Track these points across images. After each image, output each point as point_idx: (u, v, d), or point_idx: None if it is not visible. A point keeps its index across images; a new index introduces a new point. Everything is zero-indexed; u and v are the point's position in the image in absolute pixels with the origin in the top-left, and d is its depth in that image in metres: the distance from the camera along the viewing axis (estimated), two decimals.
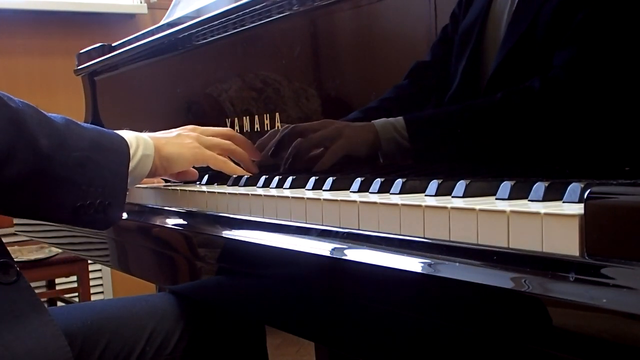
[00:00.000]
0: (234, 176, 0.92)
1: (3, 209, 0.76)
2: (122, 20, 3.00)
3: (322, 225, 0.64)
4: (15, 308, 0.71)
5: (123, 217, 1.02)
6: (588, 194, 0.41)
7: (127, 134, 0.83)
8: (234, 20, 0.99)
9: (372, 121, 0.77)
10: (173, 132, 0.92)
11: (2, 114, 0.69)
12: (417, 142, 0.74)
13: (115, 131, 0.84)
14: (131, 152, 0.82)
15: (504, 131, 0.64)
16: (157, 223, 0.93)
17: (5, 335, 0.68)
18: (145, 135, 0.86)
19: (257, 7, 0.94)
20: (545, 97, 0.60)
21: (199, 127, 0.95)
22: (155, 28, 1.30)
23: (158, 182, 1.05)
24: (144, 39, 1.27)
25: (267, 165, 0.96)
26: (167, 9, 1.56)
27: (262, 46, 0.98)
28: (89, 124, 0.81)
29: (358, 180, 0.69)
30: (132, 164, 0.82)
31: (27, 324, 0.70)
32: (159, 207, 0.97)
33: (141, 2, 3.04)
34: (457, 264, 0.48)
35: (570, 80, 0.58)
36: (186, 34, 1.11)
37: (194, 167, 1.00)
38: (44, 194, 0.74)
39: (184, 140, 0.90)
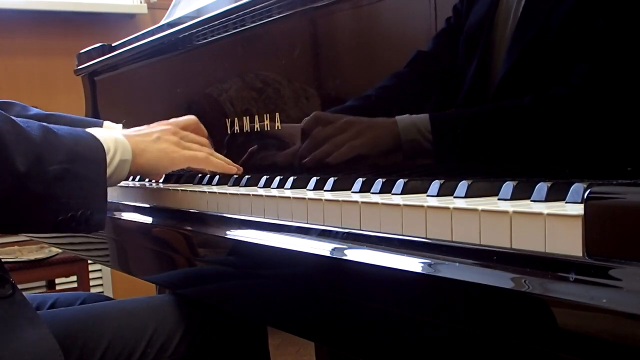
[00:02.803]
0: (235, 176, 0.92)
1: None
2: (122, 20, 3.00)
3: (324, 225, 0.64)
4: (11, 322, 0.70)
5: (123, 218, 1.02)
6: (588, 194, 0.41)
7: (105, 137, 0.82)
8: (234, 20, 0.99)
9: (396, 119, 0.76)
10: (153, 135, 0.90)
11: None
12: (439, 141, 0.73)
13: (93, 130, 0.82)
14: (108, 158, 0.80)
15: (507, 132, 0.64)
16: (157, 223, 0.93)
17: (1, 350, 0.67)
18: (123, 138, 0.85)
19: (257, 7, 0.94)
20: (549, 98, 0.60)
21: (173, 122, 0.94)
22: (155, 28, 1.30)
23: None
24: (144, 39, 1.27)
25: (267, 165, 0.96)
26: (167, 9, 1.56)
27: (262, 46, 0.98)
28: (64, 127, 0.80)
29: (359, 181, 0.69)
30: (109, 170, 0.81)
31: (24, 338, 0.69)
32: (159, 207, 0.97)
33: (141, 2, 3.04)
34: (458, 264, 0.48)
35: (573, 81, 0.58)
36: (186, 34, 1.11)
37: None
38: (23, 212, 0.73)
39: (163, 146, 0.89)
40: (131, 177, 1.21)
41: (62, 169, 0.74)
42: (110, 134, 0.83)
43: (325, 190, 0.72)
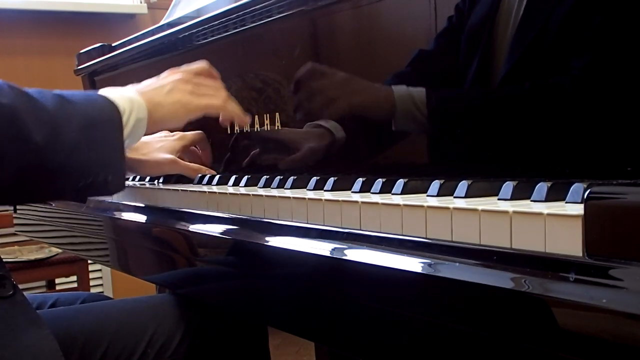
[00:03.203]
0: (234, 177, 0.92)
1: (5, 201, 0.75)
2: (122, 20, 3.00)
3: (324, 225, 0.64)
4: (11, 322, 0.69)
5: (123, 218, 1.02)
6: (588, 194, 0.41)
7: (119, 97, 0.80)
8: (234, 20, 0.99)
9: (392, 88, 0.75)
10: (166, 87, 0.87)
11: None
12: (435, 118, 0.73)
13: (105, 92, 0.81)
14: (124, 119, 0.79)
15: (507, 131, 0.64)
16: (157, 223, 0.93)
17: (1, 351, 0.67)
18: (137, 95, 0.83)
19: (257, 7, 0.94)
20: (549, 98, 0.60)
21: (186, 70, 0.91)
22: (155, 28, 1.30)
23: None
24: (144, 39, 1.27)
25: (267, 165, 0.96)
26: (167, 9, 1.56)
27: (262, 46, 0.98)
28: (77, 93, 0.78)
29: (359, 181, 0.69)
30: (126, 131, 0.79)
31: (24, 339, 0.69)
32: (160, 206, 0.97)
33: (141, 2, 3.04)
34: (458, 264, 0.48)
35: (574, 81, 0.58)
36: (186, 34, 1.11)
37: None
38: (43, 183, 0.73)
39: (178, 96, 0.86)
40: (132, 177, 1.21)
41: (79, 136, 0.74)
42: (123, 94, 0.82)
43: (325, 190, 0.72)
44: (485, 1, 0.66)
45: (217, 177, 0.97)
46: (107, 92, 0.81)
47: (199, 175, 1.02)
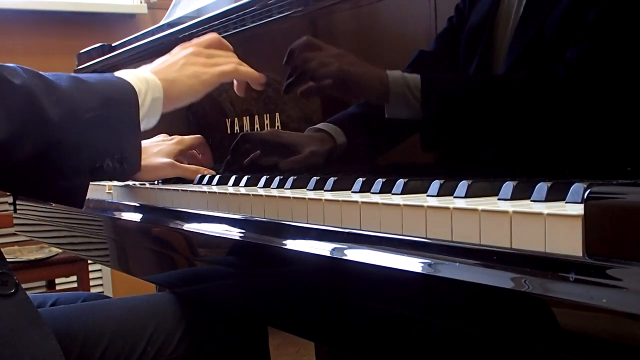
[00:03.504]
0: (234, 177, 0.92)
1: (18, 185, 0.75)
2: (122, 20, 3.00)
3: (324, 225, 0.64)
4: (13, 321, 0.69)
5: (123, 218, 1.02)
6: (588, 194, 0.41)
7: (134, 78, 0.80)
8: (234, 20, 0.99)
9: (387, 71, 0.76)
10: (179, 62, 0.87)
11: (7, 95, 0.68)
12: (428, 105, 0.73)
13: (120, 73, 0.81)
14: (140, 99, 0.79)
15: (507, 131, 0.64)
16: (157, 223, 0.93)
17: (1, 349, 0.67)
18: (152, 75, 0.83)
19: (257, 7, 0.94)
20: (549, 97, 0.60)
21: (196, 43, 0.91)
22: (155, 28, 1.30)
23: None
24: (144, 39, 1.27)
25: (269, 164, 0.96)
26: (167, 9, 1.56)
27: (262, 46, 0.98)
28: (93, 75, 0.79)
29: (359, 181, 0.69)
30: (142, 112, 0.79)
31: (25, 338, 0.69)
32: (160, 206, 0.97)
33: (141, 2, 3.04)
34: (458, 264, 0.48)
35: (573, 80, 0.58)
36: (186, 34, 1.11)
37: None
38: (60, 162, 0.73)
39: (191, 70, 0.86)
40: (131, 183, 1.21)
41: (96, 116, 0.74)
42: (138, 74, 0.82)
43: (325, 190, 0.72)
44: (485, 1, 0.66)
45: (217, 177, 0.97)
46: (122, 74, 0.81)
47: (199, 175, 1.02)
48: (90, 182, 0.77)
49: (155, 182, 1.11)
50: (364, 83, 0.81)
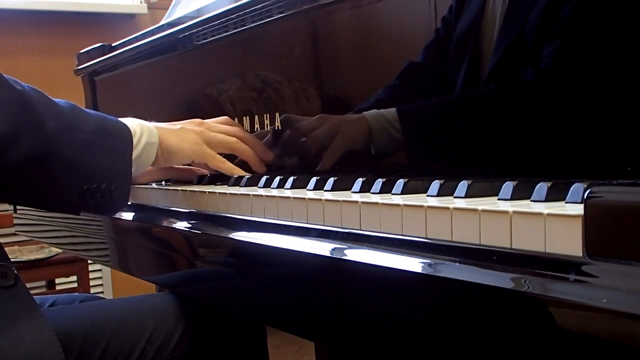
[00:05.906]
0: (235, 176, 0.92)
1: (9, 194, 0.76)
2: (122, 20, 3.00)
3: (324, 225, 0.64)
4: (11, 312, 0.70)
5: (123, 218, 1.02)
6: (588, 194, 0.41)
7: (130, 122, 0.84)
8: (234, 20, 0.99)
9: (364, 113, 0.78)
10: (177, 125, 0.92)
11: (8, 96, 0.70)
12: (411, 136, 0.74)
13: (118, 119, 0.84)
14: (135, 139, 0.82)
15: (506, 131, 0.64)
16: (157, 223, 0.93)
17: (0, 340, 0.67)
18: (149, 124, 0.87)
19: (257, 7, 0.94)
20: (548, 97, 0.60)
21: (206, 121, 0.95)
22: (155, 28, 1.30)
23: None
24: (144, 39, 1.27)
25: (267, 166, 0.96)
26: (167, 9, 1.56)
27: (262, 46, 0.98)
28: (91, 110, 0.82)
29: (359, 181, 0.69)
30: (136, 152, 0.82)
31: (23, 330, 0.69)
32: (159, 207, 0.97)
33: (141, 2, 3.04)
34: (458, 264, 0.48)
35: (573, 80, 0.58)
36: (186, 34, 1.11)
37: (194, 165, 1.00)
38: (51, 176, 0.74)
39: (187, 135, 0.90)
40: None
41: (90, 140, 0.76)
42: (135, 120, 0.85)
43: (325, 190, 0.72)
44: (471, 10, 0.67)
45: (210, 176, 0.97)
46: (120, 119, 0.85)
47: (199, 175, 1.02)
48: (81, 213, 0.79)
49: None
50: (352, 139, 0.83)
